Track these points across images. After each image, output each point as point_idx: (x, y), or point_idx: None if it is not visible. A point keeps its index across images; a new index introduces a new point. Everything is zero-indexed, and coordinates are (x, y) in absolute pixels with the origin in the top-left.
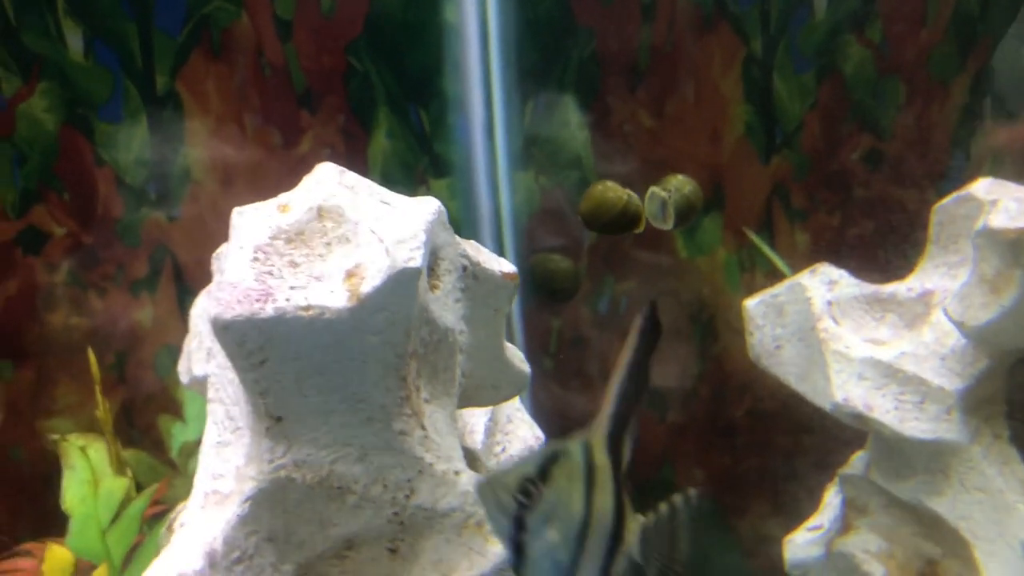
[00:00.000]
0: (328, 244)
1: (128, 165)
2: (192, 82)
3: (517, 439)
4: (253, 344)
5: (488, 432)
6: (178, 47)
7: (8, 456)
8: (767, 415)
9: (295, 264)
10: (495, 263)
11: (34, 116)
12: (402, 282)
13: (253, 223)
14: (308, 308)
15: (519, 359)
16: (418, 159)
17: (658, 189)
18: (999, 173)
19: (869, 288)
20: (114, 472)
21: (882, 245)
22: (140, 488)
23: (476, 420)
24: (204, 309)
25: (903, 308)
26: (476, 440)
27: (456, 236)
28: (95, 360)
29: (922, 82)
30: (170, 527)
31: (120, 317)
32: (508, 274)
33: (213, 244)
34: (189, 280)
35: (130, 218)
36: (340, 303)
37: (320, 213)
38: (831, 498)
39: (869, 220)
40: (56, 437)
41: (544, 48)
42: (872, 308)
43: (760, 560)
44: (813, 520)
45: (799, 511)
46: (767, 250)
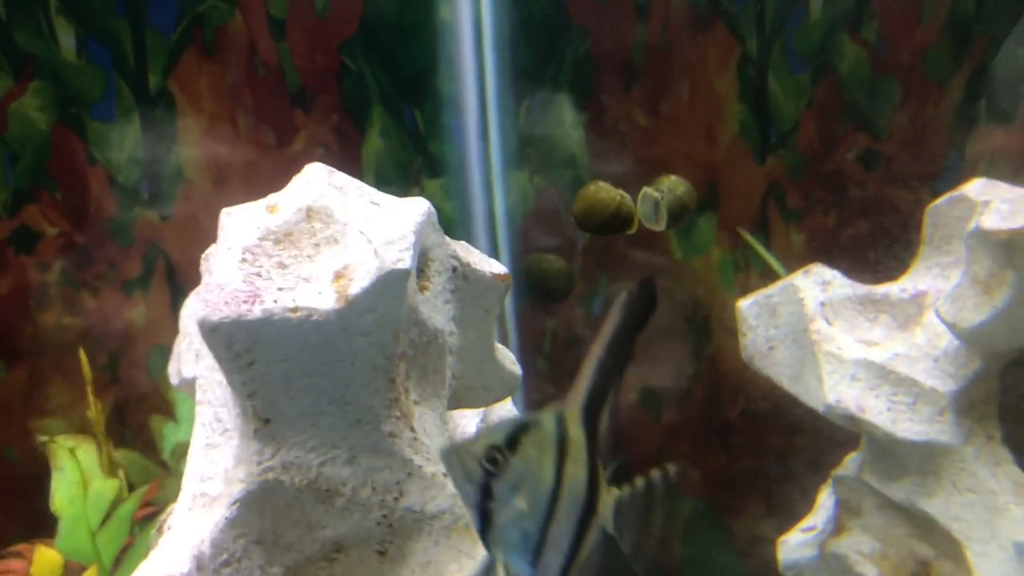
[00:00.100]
0: (317, 245)
1: (121, 164)
2: (185, 81)
3: None
4: (241, 346)
5: None
6: (171, 46)
7: (1, 456)
8: (761, 416)
9: (283, 265)
10: (485, 264)
11: (26, 115)
12: (391, 283)
13: (241, 224)
14: (296, 310)
15: (510, 360)
16: (412, 159)
17: (651, 190)
18: (995, 174)
19: (862, 289)
20: (105, 473)
21: (876, 246)
22: (132, 489)
23: (467, 422)
24: (194, 310)
25: (896, 309)
26: None
27: (446, 237)
28: (87, 360)
29: (917, 82)
30: (160, 529)
31: (113, 317)
32: (498, 275)
33: (206, 244)
34: (182, 280)
35: (123, 217)
36: (328, 304)
37: (309, 214)
38: (824, 499)
39: (864, 220)
40: (45, 439)
41: (538, 47)
42: (865, 309)
43: (754, 561)
44: (807, 521)
45: (793, 512)
46: (762, 250)
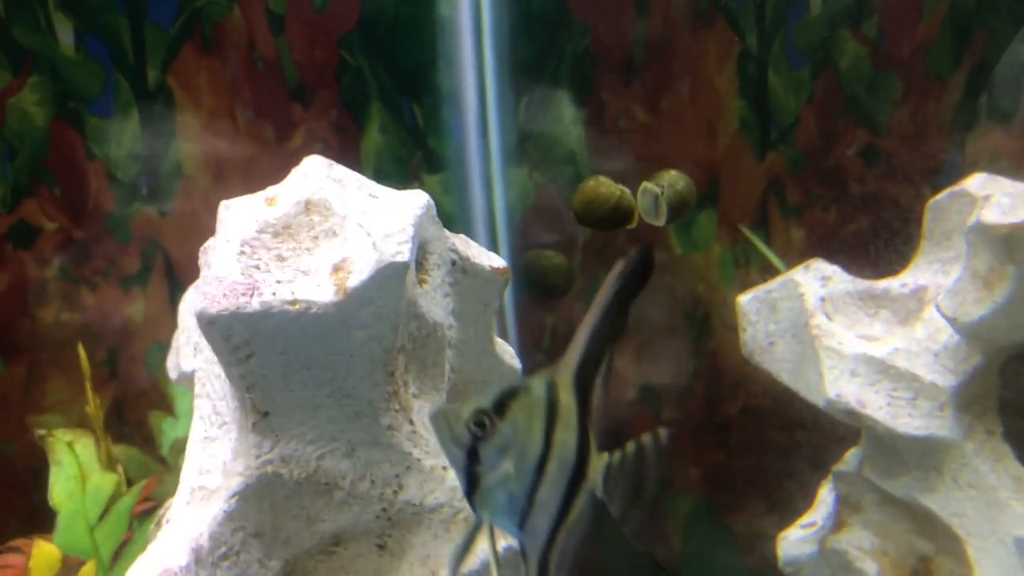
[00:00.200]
0: (315, 238)
1: (119, 160)
2: (184, 76)
3: None
4: (239, 338)
5: None
6: (170, 41)
7: None
8: (761, 412)
9: (282, 258)
10: (485, 257)
11: (24, 110)
12: (389, 276)
13: (240, 216)
14: (294, 302)
15: (509, 354)
16: (411, 154)
17: (651, 185)
18: (995, 169)
19: (863, 284)
20: (103, 468)
21: (877, 241)
22: (131, 484)
23: None
24: (192, 304)
25: (896, 304)
26: None
27: (445, 230)
28: (85, 356)
29: (918, 77)
30: (159, 523)
31: (111, 312)
32: (498, 269)
33: (205, 239)
34: (181, 275)
35: (121, 213)
36: (327, 297)
37: (308, 207)
38: (825, 495)
39: (864, 216)
40: (43, 433)
41: (538, 43)
42: (865, 304)
43: (754, 557)
44: (807, 517)
45: (793, 508)
46: (762, 246)
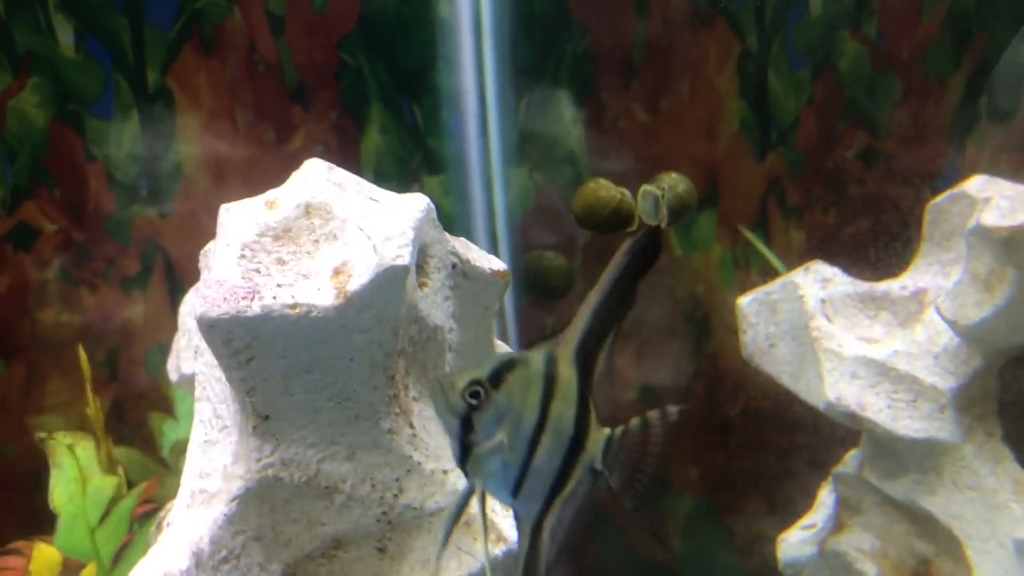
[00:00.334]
0: (316, 241)
1: (119, 161)
2: (184, 78)
3: None
4: (239, 342)
5: None
6: (170, 42)
7: None
8: (761, 414)
9: (282, 261)
10: (485, 260)
11: (24, 112)
12: (390, 280)
13: (240, 220)
14: (295, 306)
15: None
16: (411, 155)
17: (651, 187)
18: (995, 171)
19: (863, 286)
20: (103, 470)
21: (876, 243)
22: (131, 486)
23: None
24: (192, 307)
25: (896, 306)
26: None
27: (445, 233)
28: (85, 357)
29: (918, 79)
30: (159, 526)
31: (111, 314)
32: (498, 271)
33: (205, 241)
34: (181, 277)
35: (121, 214)
36: (327, 301)
37: (308, 210)
38: (825, 497)
39: (864, 218)
40: (43, 435)
41: (538, 43)
42: (866, 306)
43: (754, 559)
44: (807, 519)
45: (793, 510)
46: (762, 247)
